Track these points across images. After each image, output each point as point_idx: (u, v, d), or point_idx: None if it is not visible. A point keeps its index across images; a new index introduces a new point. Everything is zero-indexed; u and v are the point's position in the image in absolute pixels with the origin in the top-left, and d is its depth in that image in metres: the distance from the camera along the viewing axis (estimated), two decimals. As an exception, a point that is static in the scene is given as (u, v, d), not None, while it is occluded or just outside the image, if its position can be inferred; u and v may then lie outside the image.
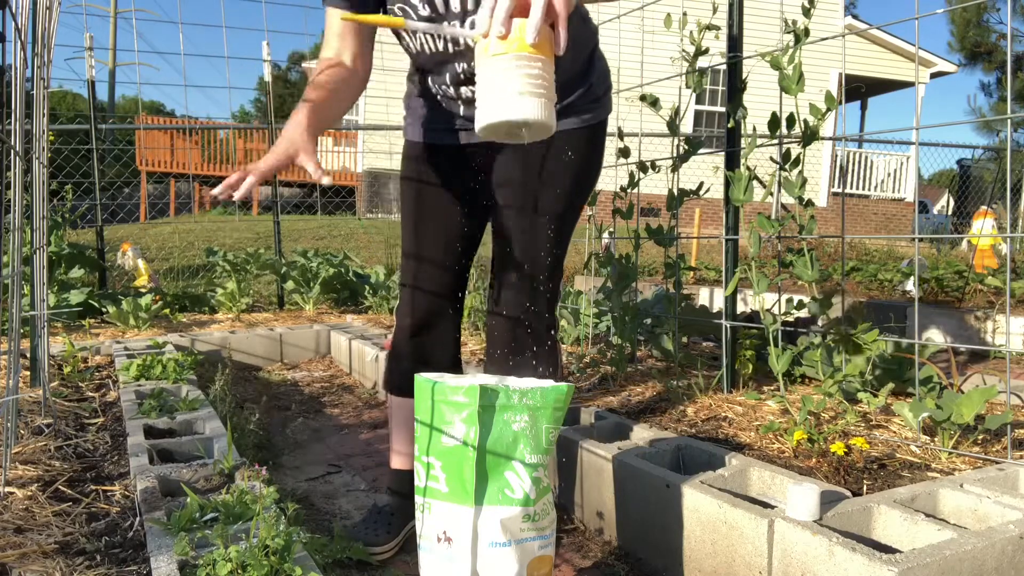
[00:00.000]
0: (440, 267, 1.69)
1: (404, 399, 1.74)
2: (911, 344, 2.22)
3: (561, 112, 1.57)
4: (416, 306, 1.71)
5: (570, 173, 1.60)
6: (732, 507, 1.44)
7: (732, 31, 2.35)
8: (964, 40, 15.61)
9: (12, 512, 1.54)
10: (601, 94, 1.65)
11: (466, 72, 1.52)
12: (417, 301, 1.71)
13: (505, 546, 1.23)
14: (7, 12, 1.30)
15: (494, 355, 1.64)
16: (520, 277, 1.59)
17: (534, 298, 1.60)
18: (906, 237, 2.09)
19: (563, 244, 1.63)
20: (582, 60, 1.60)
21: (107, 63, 22.70)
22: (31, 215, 2.40)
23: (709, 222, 12.02)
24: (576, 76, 1.59)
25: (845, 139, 7.63)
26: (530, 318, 1.60)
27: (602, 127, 1.67)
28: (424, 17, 1.47)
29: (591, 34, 1.63)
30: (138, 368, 2.61)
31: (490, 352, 1.66)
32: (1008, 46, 6.17)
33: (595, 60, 1.64)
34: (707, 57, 2.53)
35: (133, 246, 5.67)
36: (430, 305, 1.70)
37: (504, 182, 1.61)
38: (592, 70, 1.63)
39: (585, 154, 1.62)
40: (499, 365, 1.62)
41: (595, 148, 1.66)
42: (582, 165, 1.62)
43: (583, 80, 1.61)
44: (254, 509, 1.36)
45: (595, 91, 1.63)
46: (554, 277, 1.62)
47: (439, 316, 1.72)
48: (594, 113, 1.63)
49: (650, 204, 3.34)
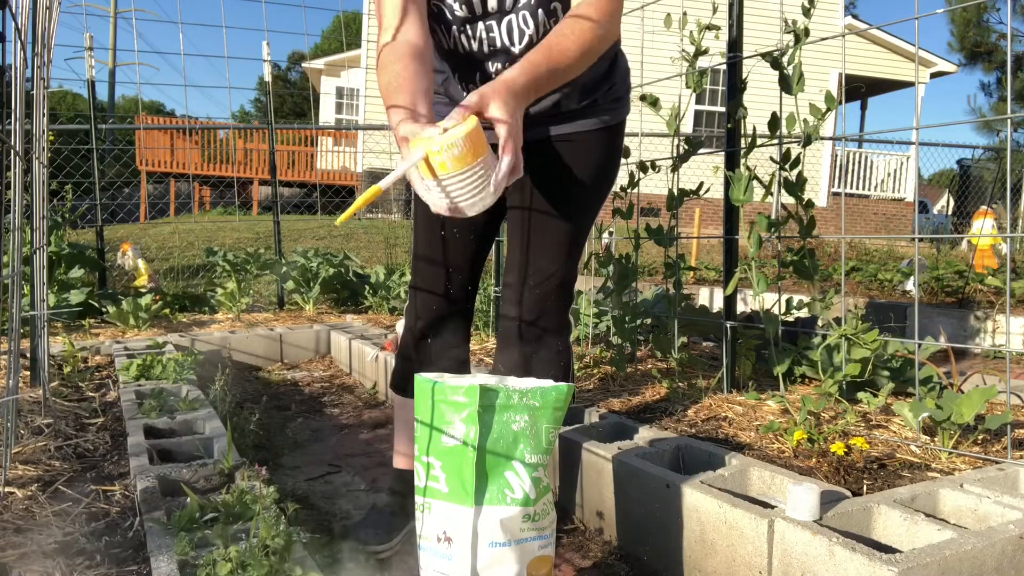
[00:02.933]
0: (449, 269, 1.66)
1: (408, 399, 1.73)
2: (911, 344, 2.22)
3: (582, 112, 1.56)
4: (424, 308, 1.69)
5: (587, 174, 1.57)
6: (732, 507, 1.44)
7: (732, 31, 2.35)
8: (964, 40, 15.61)
9: (12, 512, 1.54)
10: (623, 93, 1.63)
11: (499, 72, 1.47)
12: (425, 303, 1.68)
13: (505, 546, 1.23)
14: (7, 12, 1.30)
15: (504, 357, 1.62)
16: (533, 280, 1.56)
17: (546, 301, 1.57)
18: (906, 237, 2.09)
19: (578, 247, 1.60)
20: (608, 59, 1.57)
21: (107, 63, 22.69)
22: (31, 215, 2.40)
23: (709, 222, 12.02)
24: (600, 76, 1.56)
25: (845, 139, 7.63)
26: (542, 321, 1.58)
27: (620, 128, 1.64)
28: (461, 18, 1.45)
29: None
30: (138, 368, 2.61)
31: (500, 353, 1.63)
32: (1008, 46, 6.17)
33: (618, 59, 1.61)
34: (707, 57, 2.53)
35: (133, 246, 5.67)
36: (439, 308, 1.68)
37: (519, 183, 1.55)
38: (615, 69, 1.60)
39: (603, 155, 1.60)
40: (509, 367, 1.59)
41: (613, 149, 1.63)
42: (600, 166, 1.59)
43: (607, 79, 1.58)
44: (254, 509, 1.36)
45: (617, 90, 1.61)
46: (568, 280, 1.59)
47: (447, 319, 1.69)
48: (614, 113, 1.61)
49: (650, 204, 3.34)
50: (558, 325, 1.60)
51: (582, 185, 1.56)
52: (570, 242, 1.56)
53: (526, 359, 1.58)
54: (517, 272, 1.58)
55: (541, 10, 1.42)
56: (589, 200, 1.59)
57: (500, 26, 1.45)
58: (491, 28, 1.46)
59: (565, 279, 1.58)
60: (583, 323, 3.11)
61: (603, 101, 1.58)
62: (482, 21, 1.45)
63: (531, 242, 1.56)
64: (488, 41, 1.47)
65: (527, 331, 1.58)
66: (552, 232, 1.55)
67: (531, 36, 1.45)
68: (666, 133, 2.58)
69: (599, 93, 1.57)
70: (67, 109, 18.74)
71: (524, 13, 1.43)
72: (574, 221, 1.56)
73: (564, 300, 1.60)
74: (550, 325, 1.58)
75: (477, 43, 1.47)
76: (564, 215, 1.55)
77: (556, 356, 1.60)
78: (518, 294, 1.57)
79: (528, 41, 1.45)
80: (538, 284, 1.56)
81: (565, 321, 1.63)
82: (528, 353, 1.58)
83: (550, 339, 1.59)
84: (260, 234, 8.85)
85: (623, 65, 1.64)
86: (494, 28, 1.45)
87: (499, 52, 1.48)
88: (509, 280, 1.60)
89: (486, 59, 1.50)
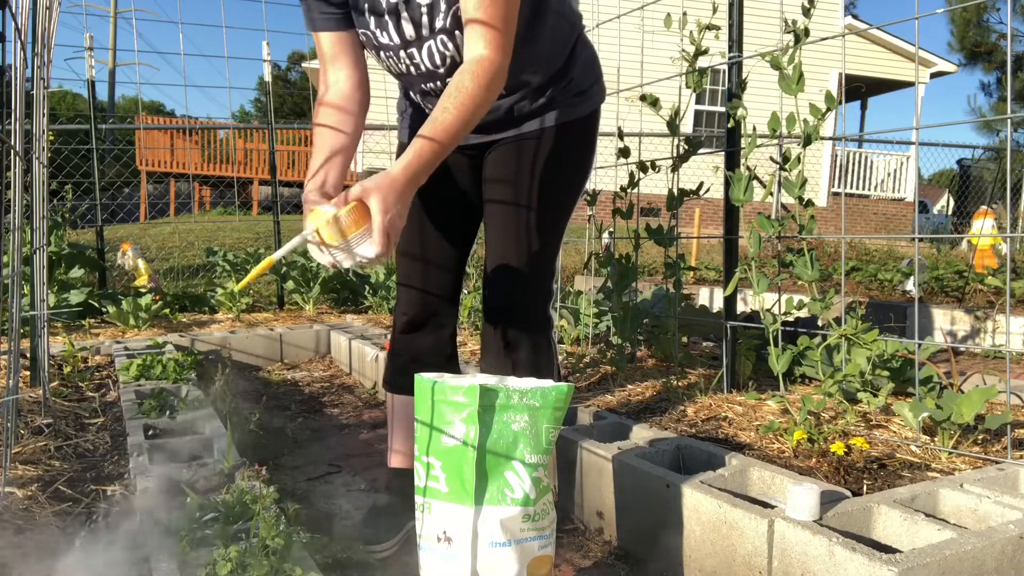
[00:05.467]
0: (431, 265, 1.71)
1: (401, 397, 1.76)
2: (911, 344, 2.22)
3: (539, 110, 1.59)
4: (408, 304, 1.73)
5: (558, 168, 1.60)
6: (732, 507, 1.44)
7: (732, 31, 2.35)
8: (964, 40, 15.59)
9: (12, 512, 1.54)
10: (588, 86, 1.63)
11: (434, 90, 1.55)
12: (410, 299, 1.74)
13: (505, 546, 1.23)
14: (7, 12, 1.30)
15: (488, 354, 1.65)
16: (510, 275, 1.59)
17: (525, 296, 1.60)
18: (906, 237, 2.09)
19: (552, 240, 1.63)
20: (562, 55, 1.58)
21: (107, 63, 22.69)
22: (31, 215, 2.40)
23: (709, 222, 12.01)
24: (556, 72, 1.58)
25: (845, 139, 7.63)
26: (522, 316, 1.61)
27: (590, 120, 1.65)
28: (387, 45, 1.52)
29: (570, 26, 1.60)
30: (138, 368, 2.61)
31: (484, 351, 1.66)
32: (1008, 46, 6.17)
33: (577, 51, 1.61)
34: (707, 57, 2.53)
35: (133, 246, 5.66)
36: (423, 303, 1.72)
37: (492, 179, 1.62)
38: (574, 62, 1.60)
39: (573, 148, 1.62)
40: (493, 365, 1.62)
41: (583, 142, 1.64)
42: (570, 159, 1.62)
43: (563, 75, 1.59)
44: (254, 509, 1.35)
45: (579, 84, 1.61)
46: (546, 275, 1.62)
47: (433, 314, 1.73)
48: (580, 107, 1.62)
49: (650, 204, 3.34)
50: (538, 321, 1.63)
51: (552, 178, 1.59)
52: (543, 236, 1.59)
53: (507, 355, 1.61)
54: (492, 268, 1.62)
55: (459, 31, 1.45)
56: (548, 196, 1.60)
57: (422, 52, 1.51)
58: (413, 56, 1.52)
59: (542, 273, 1.61)
60: (583, 323, 3.11)
61: (563, 97, 1.60)
62: (403, 49, 1.51)
63: (503, 238, 1.60)
64: (414, 66, 1.53)
65: (505, 327, 1.61)
66: (512, 228, 1.59)
67: (452, 57, 1.50)
68: (666, 133, 2.58)
69: (556, 91, 1.59)
70: (67, 109, 18.73)
71: (442, 37, 1.48)
72: (545, 214, 1.59)
73: (543, 295, 1.63)
74: (529, 321, 1.61)
75: (405, 67, 1.55)
76: (535, 209, 1.58)
77: (540, 351, 1.63)
78: (494, 290, 1.62)
79: (451, 62, 1.50)
80: (506, 279, 1.59)
81: (546, 316, 1.65)
82: (509, 349, 1.61)
83: (530, 335, 1.62)
84: (260, 234, 8.84)
85: (585, 55, 1.63)
86: (415, 55, 1.52)
87: (426, 74, 1.54)
88: (485, 274, 1.66)
89: (419, 80, 1.57)
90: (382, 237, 1.27)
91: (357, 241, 1.28)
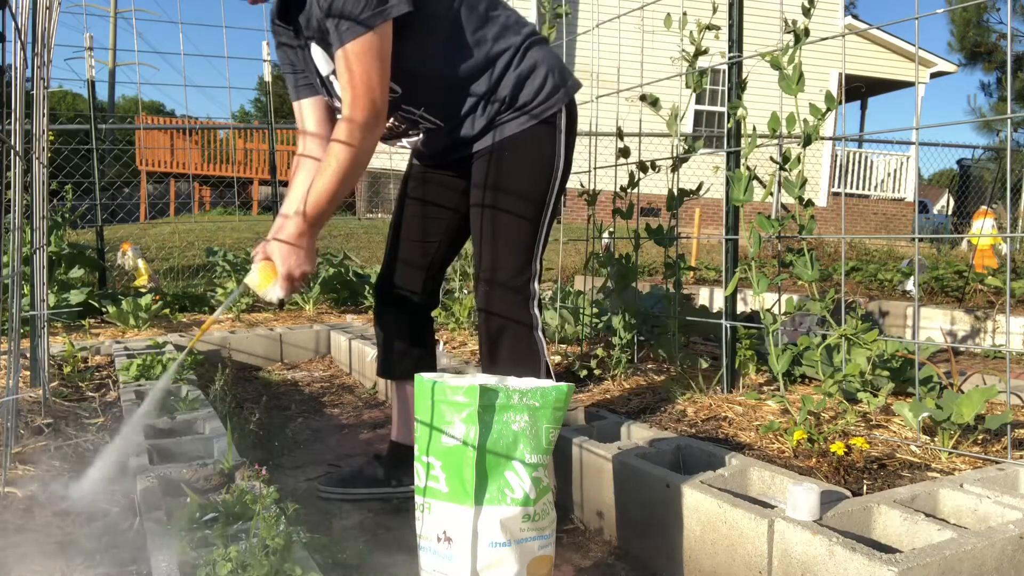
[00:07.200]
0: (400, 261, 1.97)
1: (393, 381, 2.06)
2: (911, 344, 2.22)
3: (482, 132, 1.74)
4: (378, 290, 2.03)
5: (514, 177, 1.74)
6: (732, 507, 1.44)
7: (732, 31, 2.35)
8: (964, 40, 15.60)
9: (12, 512, 1.54)
10: (529, 99, 1.73)
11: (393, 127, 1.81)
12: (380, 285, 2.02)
13: (505, 546, 1.23)
14: (7, 12, 1.30)
15: (480, 353, 1.80)
16: (490, 274, 1.74)
17: (504, 295, 1.74)
18: (906, 237, 2.09)
19: (521, 243, 1.75)
20: (482, 81, 1.70)
21: (107, 63, 22.68)
22: (31, 215, 2.40)
23: (709, 222, 12.01)
24: (481, 96, 1.71)
25: (845, 139, 7.63)
26: (499, 317, 1.74)
27: (544, 127, 1.75)
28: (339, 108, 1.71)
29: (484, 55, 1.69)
30: (138, 368, 2.61)
31: (480, 350, 1.82)
32: (1008, 46, 6.17)
33: (506, 74, 1.71)
34: (707, 57, 2.53)
35: (133, 246, 5.66)
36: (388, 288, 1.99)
37: (473, 185, 1.79)
38: (498, 87, 1.72)
39: (525, 157, 1.75)
40: (483, 363, 1.79)
41: (539, 148, 1.75)
42: (524, 168, 1.75)
43: (486, 103, 1.71)
44: (254, 509, 1.35)
45: (517, 99, 1.72)
46: (520, 275, 1.75)
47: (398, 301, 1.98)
48: (521, 119, 1.73)
49: (650, 204, 3.34)
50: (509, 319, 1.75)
51: (504, 190, 1.75)
52: (496, 242, 1.75)
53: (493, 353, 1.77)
54: (476, 269, 1.81)
55: None
56: (510, 202, 1.74)
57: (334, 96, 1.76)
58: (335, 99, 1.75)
59: (518, 272, 1.75)
60: (583, 323, 3.11)
61: (503, 115, 1.73)
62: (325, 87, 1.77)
63: (480, 239, 1.77)
64: None
65: (483, 326, 1.78)
66: (478, 234, 1.77)
67: None
68: (666, 133, 2.58)
69: (491, 111, 1.72)
70: (67, 109, 18.71)
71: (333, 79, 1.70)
72: (500, 223, 1.75)
73: (510, 296, 1.75)
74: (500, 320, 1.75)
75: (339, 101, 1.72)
76: (506, 210, 1.75)
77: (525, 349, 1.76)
78: (478, 290, 1.79)
79: None
80: (483, 282, 1.76)
81: (518, 316, 1.76)
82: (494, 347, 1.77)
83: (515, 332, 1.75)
84: (260, 234, 8.81)
85: (515, 75, 1.73)
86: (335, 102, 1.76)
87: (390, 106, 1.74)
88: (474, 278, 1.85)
89: None
90: (283, 283, 1.65)
91: (272, 287, 1.68)
